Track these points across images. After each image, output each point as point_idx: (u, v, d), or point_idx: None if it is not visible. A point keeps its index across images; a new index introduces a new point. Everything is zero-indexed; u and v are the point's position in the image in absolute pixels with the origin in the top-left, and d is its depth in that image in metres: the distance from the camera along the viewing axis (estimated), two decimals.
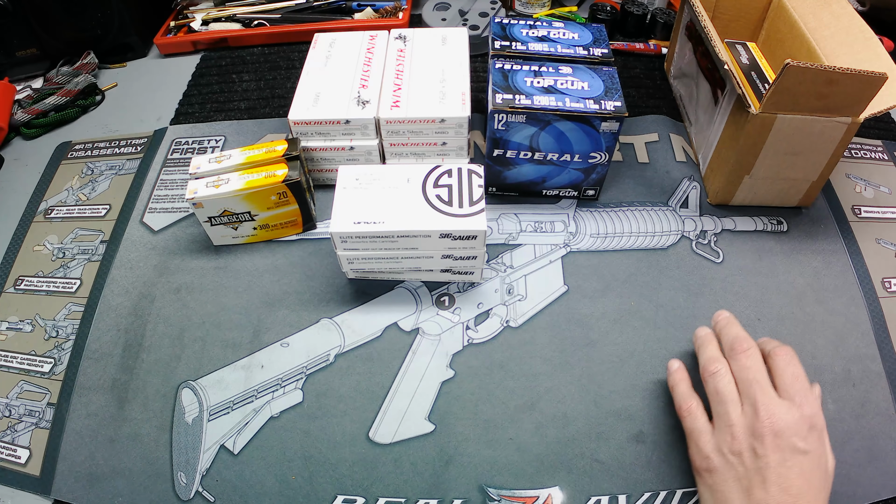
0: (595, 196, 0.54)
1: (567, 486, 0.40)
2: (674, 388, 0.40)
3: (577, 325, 0.47)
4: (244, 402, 0.44)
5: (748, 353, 0.38)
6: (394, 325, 0.47)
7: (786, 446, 0.34)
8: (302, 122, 0.51)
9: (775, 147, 0.46)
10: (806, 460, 0.34)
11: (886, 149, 0.61)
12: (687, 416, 0.38)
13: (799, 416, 0.35)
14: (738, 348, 0.38)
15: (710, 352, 0.40)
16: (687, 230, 0.52)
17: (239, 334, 0.47)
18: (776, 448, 0.34)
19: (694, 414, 0.38)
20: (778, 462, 0.34)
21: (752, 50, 0.56)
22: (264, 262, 0.51)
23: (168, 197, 0.57)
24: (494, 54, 0.51)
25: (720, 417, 0.37)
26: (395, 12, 0.75)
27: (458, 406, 0.43)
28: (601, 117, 0.45)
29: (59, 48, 0.70)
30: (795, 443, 0.34)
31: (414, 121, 0.51)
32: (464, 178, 0.45)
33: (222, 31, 0.74)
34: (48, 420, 0.44)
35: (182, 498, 0.40)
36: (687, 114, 0.61)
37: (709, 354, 0.39)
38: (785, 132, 0.45)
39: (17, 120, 0.65)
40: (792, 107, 0.43)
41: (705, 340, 0.41)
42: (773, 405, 0.35)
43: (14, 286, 0.52)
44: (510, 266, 0.50)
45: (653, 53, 0.70)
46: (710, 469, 0.36)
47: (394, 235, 0.43)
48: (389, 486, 0.40)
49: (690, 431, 0.38)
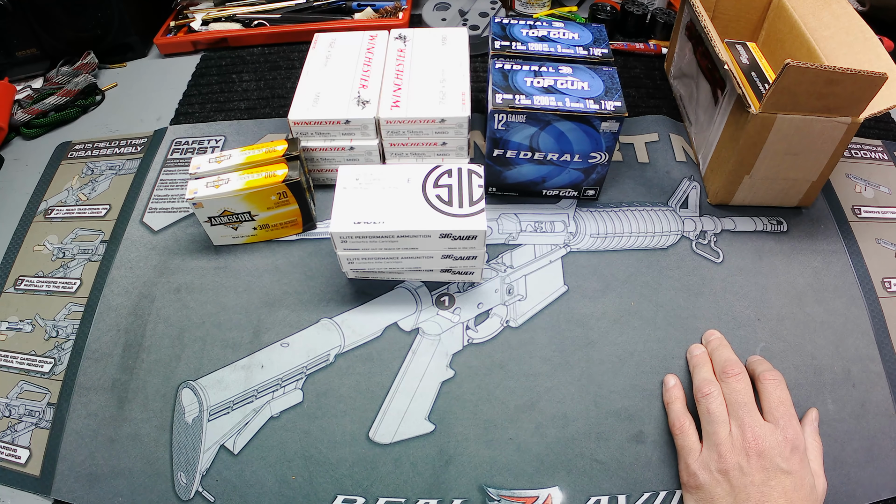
0: (595, 196, 0.54)
1: (567, 486, 0.40)
2: (669, 406, 0.42)
3: (576, 325, 0.47)
4: (244, 402, 0.44)
5: (738, 378, 0.40)
6: (394, 325, 0.47)
7: (770, 466, 0.36)
8: (302, 122, 0.51)
9: (775, 147, 0.46)
10: (788, 480, 0.36)
11: (886, 149, 0.61)
12: (679, 434, 0.40)
13: (782, 438, 0.37)
14: (730, 372, 0.41)
15: (703, 373, 0.42)
16: (687, 230, 0.52)
17: (239, 334, 0.47)
18: (760, 468, 0.36)
19: (686, 433, 0.40)
20: (761, 481, 0.36)
21: (752, 50, 0.56)
22: (264, 262, 0.51)
23: (168, 197, 0.57)
24: (494, 54, 0.51)
25: (709, 437, 0.38)
26: (395, 12, 0.75)
27: (458, 406, 0.43)
28: (601, 117, 0.45)
29: (59, 48, 0.70)
30: (778, 463, 0.36)
31: (414, 121, 0.51)
32: (464, 178, 0.45)
33: (222, 31, 0.74)
34: (48, 420, 0.44)
35: (182, 498, 0.40)
36: (687, 114, 0.61)
37: (703, 376, 0.42)
38: (785, 132, 0.45)
39: (17, 120, 0.65)
40: (792, 107, 0.43)
41: (699, 361, 0.43)
42: (758, 427, 0.38)
43: (14, 286, 0.52)
44: (510, 266, 0.50)
45: (653, 53, 0.70)
46: (698, 486, 0.37)
47: (394, 235, 0.43)
48: (389, 486, 0.40)
49: (681, 448, 0.40)
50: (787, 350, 0.46)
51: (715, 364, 0.43)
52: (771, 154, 0.47)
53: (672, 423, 0.41)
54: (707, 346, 0.45)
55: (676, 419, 0.41)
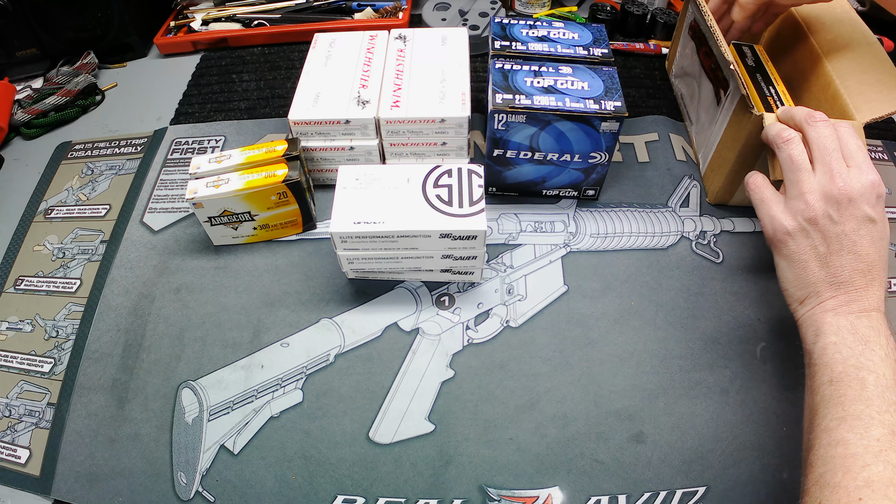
0: (595, 196, 0.54)
1: (567, 486, 0.40)
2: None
3: (577, 325, 0.47)
4: (244, 402, 0.44)
5: (826, 123, 0.38)
6: (394, 325, 0.47)
7: (859, 215, 0.35)
8: (302, 122, 0.51)
9: None
10: (875, 229, 0.35)
11: (886, 149, 0.61)
12: (754, 190, 0.39)
13: (869, 184, 0.36)
14: (817, 117, 0.38)
15: (779, 127, 0.40)
16: (687, 230, 0.52)
17: (239, 334, 0.47)
18: (851, 216, 0.35)
19: (761, 186, 0.38)
20: (852, 230, 0.35)
21: (758, 52, 0.56)
22: (264, 262, 0.51)
23: (168, 197, 0.57)
24: (494, 54, 0.51)
25: (793, 185, 0.37)
26: (395, 12, 0.75)
27: (458, 406, 0.43)
28: (601, 117, 0.45)
29: (59, 48, 0.71)
30: (867, 211, 0.35)
31: (414, 121, 0.51)
32: (464, 178, 0.45)
33: (222, 31, 0.74)
34: (48, 420, 0.44)
35: (182, 498, 0.40)
36: (688, 113, 0.60)
37: (779, 128, 0.40)
38: None
39: (17, 120, 0.65)
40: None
41: (771, 120, 0.41)
42: (846, 172, 0.36)
43: (14, 286, 0.52)
44: (510, 266, 0.50)
45: (653, 53, 0.70)
46: (788, 234, 0.36)
47: (394, 235, 0.43)
48: (389, 486, 0.40)
49: (760, 202, 0.38)
50: (787, 350, 0.45)
51: (796, 117, 0.40)
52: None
53: (745, 180, 0.40)
54: (780, 117, 0.42)
55: (749, 176, 0.39)
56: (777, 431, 0.42)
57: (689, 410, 0.43)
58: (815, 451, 0.32)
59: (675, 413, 0.43)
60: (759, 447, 0.41)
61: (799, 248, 0.36)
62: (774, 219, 0.37)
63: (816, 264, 0.36)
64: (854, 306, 0.35)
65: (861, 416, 0.31)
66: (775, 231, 0.37)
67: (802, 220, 0.36)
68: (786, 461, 0.40)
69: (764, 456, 0.41)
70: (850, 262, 0.35)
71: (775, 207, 0.38)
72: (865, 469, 0.30)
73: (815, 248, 0.35)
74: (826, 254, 0.36)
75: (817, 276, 0.36)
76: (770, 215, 0.38)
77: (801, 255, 0.37)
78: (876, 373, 0.33)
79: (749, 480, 0.40)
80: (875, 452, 0.30)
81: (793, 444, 0.41)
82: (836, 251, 0.35)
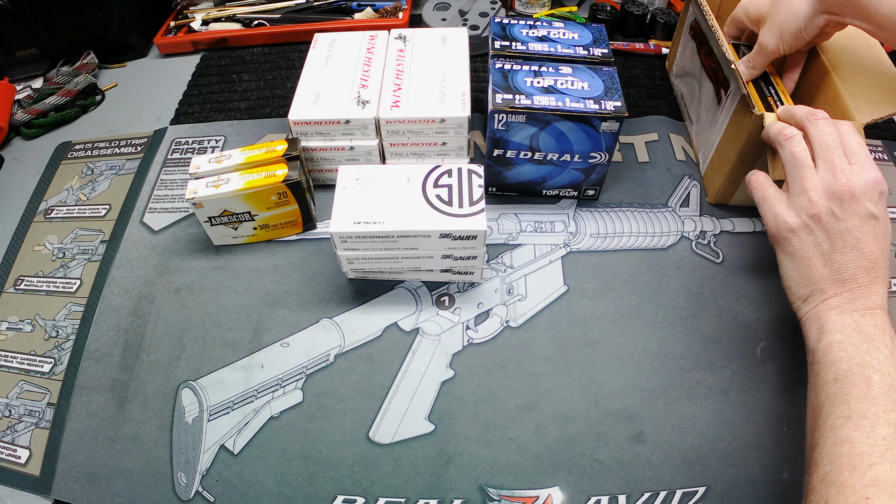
0: (595, 196, 0.54)
1: (567, 486, 0.40)
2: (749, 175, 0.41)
3: (577, 325, 0.47)
4: (244, 402, 0.44)
5: (827, 121, 0.38)
6: (394, 325, 0.47)
7: (862, 211, 0.35)
8: (302, 122, 0.51)
9: None
10: (878, 226, 0.35)
11: (886, 149, 0.61)
12: (756, 188, 0.39)
13: (871, 180, 0.35)
14: (819, 115, 0.38)
15: (780, 125, 0.40)
16: (687, 230, 0.52)
17: (239, 334, 0.47)
18: (854, 213, 0.35)
19: (763, 184, 0.38)
20: (856, 226, 0.35)
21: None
22: (264, 262, 0.51)
23: (168, 197, 0.57)
24: (494, 54, 0.51)
25: (796, 182, 0.37)
26: (395, 12, 0.75)
27: (458, 406, 0.43)
28: (601, 117, 0.45)
29: (59, 48, 0.71)
30: (869, 208, 0.35)
31: (414, 121, 0.51)
32: (464, 178, 0.45)
33: (222, 31, 0.74)
34: (48, 420, 0.44)
35: (182, 498, 0.40)
36: (688, 112, 0.60)
37: (780, 126, 0.40)
38: None
39: (17, 120, 0.65)
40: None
41: (772, 119, 0.41)
42: (848, 170, 0.36)
43: (14, 286, 0.52)
44: (510, 266, 0.50)
45: (653, 53, 0.70)
46: (791, 231, 0.36)
47: (394, 235, 0.43)
48: (389, 486, 0.40)
49: (763, 199, 0.38)
50: (787, 350, 0.45)
51: (796, 115, 0.40)
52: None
53: (748, 178, 0.40)
54: (780, 115, 0.42)
55: (751, 174, 0.40)
56: (777, 431, 0.42)
57: (689, 410, 0.43)
58: (820, 450, 0.32)
59: (675, 413, 0.43)
60: (759, 447, 0.41)
61: (802, 245, 0.36)
62: (777, 216, 0.37)
63: (820, 261, 0.36)
64: (858, 304, 0.35)
65: (867, 415, 0.31)
66: (778, 228, 0.37)
67: (806, 217, 0.36)
68: (786, 461, 0.40)
69: (764, 456, 0.41)
70: (853, 259, 0.35)
71: (778, 205, 0.37)
72: (872, 468, 0.30)
73: (819, 244, 0.35)
74: (830, 251, 0.36)
75: (821, 273, 0.36)
76: (773, 213, 0.38)
77: (804, 253, 0.36)
78: (881, 371, 0.33)
79: (749, 480, 0.40)
80: (881, 451, 0.30)
81: (793, 444, 0.41)
82: (840, 248, 0.35)
